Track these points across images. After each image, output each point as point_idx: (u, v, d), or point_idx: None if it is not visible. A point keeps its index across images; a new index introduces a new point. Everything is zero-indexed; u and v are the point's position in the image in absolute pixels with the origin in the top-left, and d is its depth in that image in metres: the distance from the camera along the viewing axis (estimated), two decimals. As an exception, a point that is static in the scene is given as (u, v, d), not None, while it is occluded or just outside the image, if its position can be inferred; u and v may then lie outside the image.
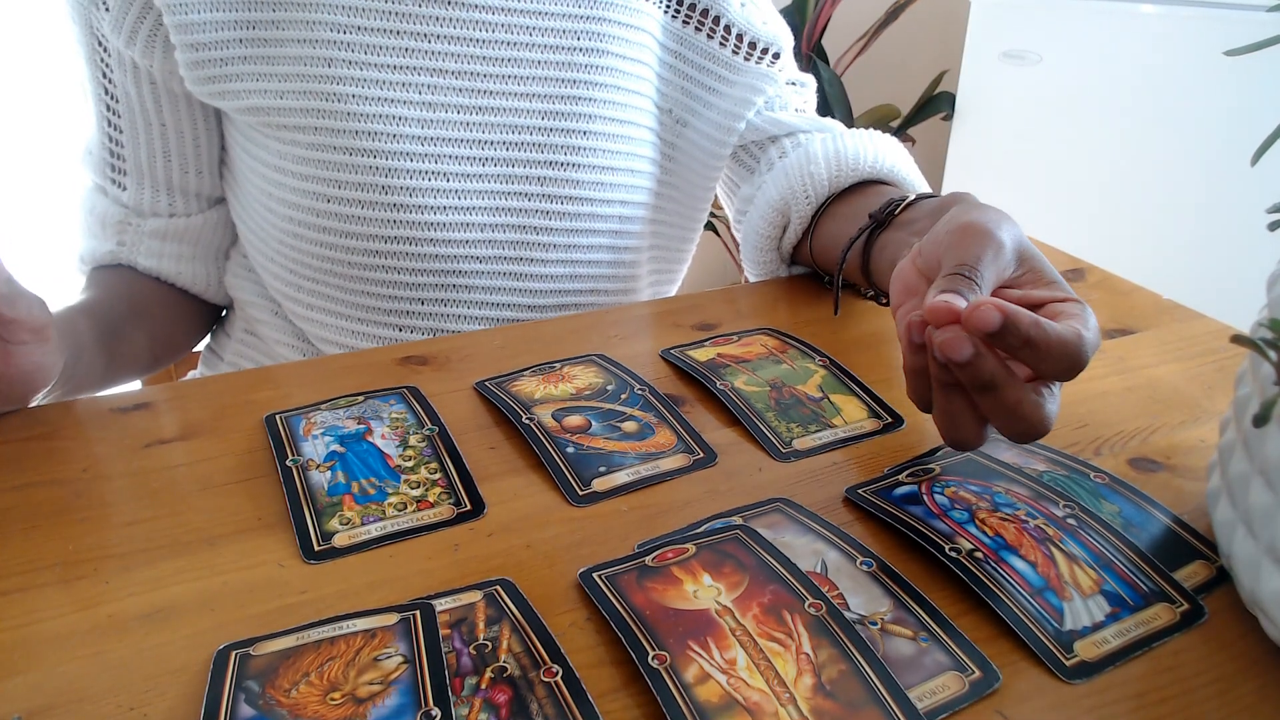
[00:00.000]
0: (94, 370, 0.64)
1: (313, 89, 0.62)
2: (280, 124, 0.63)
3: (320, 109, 0.62)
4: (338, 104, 0.62)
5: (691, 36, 0.73)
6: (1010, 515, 0.40)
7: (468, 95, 0.65)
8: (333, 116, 0.62)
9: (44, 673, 0.33)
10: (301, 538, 0.40)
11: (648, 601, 0.35)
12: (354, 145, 0.63)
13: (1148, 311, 0.62)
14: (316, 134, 0.63)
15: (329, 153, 0.63)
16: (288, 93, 0.62)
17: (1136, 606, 0.36)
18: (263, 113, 0.63)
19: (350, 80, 0.62)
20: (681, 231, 0.80)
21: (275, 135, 0.64)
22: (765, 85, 0.73)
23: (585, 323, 0.62)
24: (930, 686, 0.32)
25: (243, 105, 0.64)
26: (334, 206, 0.64)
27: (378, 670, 0.33)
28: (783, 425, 0.48)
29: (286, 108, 0.63)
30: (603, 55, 0.67)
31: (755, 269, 0.73)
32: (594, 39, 0.67)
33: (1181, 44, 1.42)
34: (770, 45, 0.73)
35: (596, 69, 0.67)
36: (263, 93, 0.63)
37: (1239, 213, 1.37)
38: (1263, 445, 0.33)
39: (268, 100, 0.63)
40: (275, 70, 0.63)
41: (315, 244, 0.66)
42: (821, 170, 0.66)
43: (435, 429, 0.48)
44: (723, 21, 0.72)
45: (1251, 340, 0.32)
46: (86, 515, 0.42)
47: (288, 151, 0.64)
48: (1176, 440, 0.48)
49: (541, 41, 0.65)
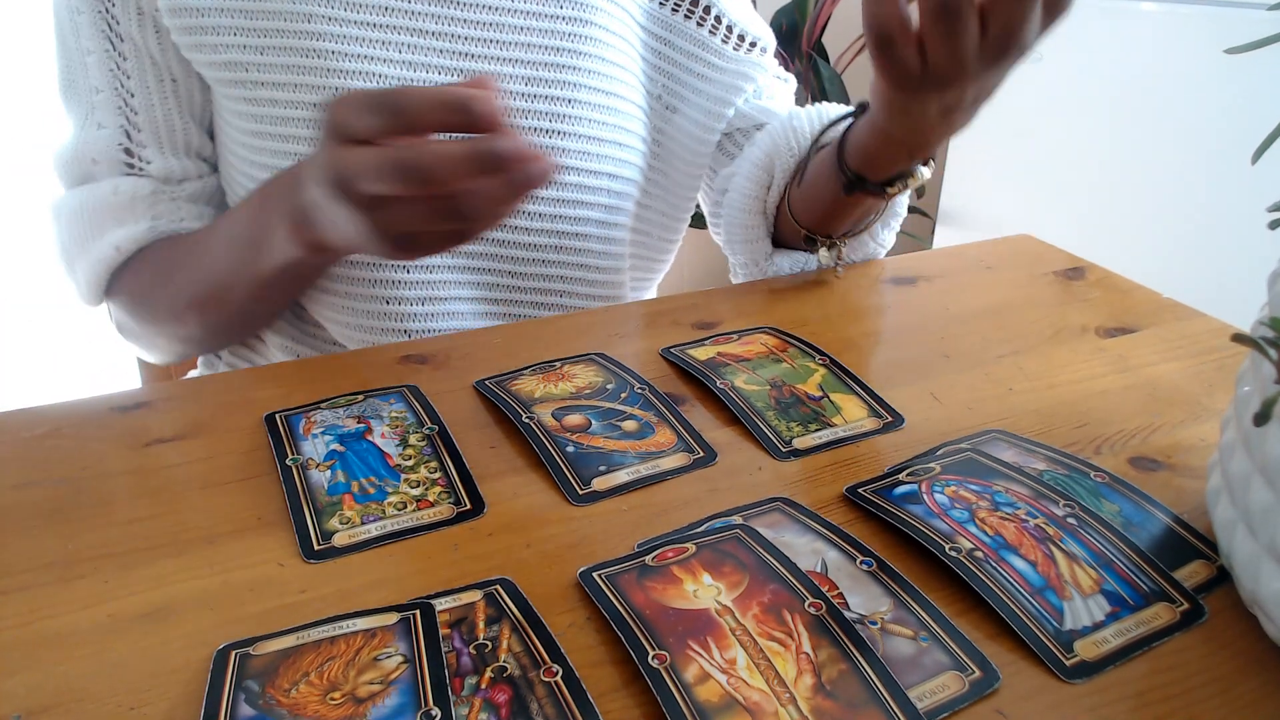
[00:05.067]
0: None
1: (292, 45, 0.62)
2: (259, 81, 0.62)
3: (300, 65, 0.62)
4: (318, 60, 0.62)
5: (681, 24, 0.73)
6: (1010, 514, 0.40)
7: (448, 57, 0.64)
8: (313, 73, 0.62)
9: (44, 673, 0.33)
10: (301, 537, 0.40)
11: (648, 601, 0.35)
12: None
13: (1148, 310, 0.62)
14: (296, 91, 0.62)
15: (309, 110, 0.62)
16: (267, 48, 0.62)
17: (1137, 606, 0.36)
18: (240, 68, 0.62)
19: (330, 36, 0.62)
20: (664, 230, 0.81)
21: (252, 97, 0.63)
22: (755, 74, 0.75)
23: (585, 321, 0.62)
24: (930, 686, 0.32)
25: (220, 60, 0.63)
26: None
27: (378, 670, 0.32)
28: (783, 424, 0.48)
29: (266, 63, 0.62)
30: (586, 25, 0.67)
31: (739, 247, 0.74)
32: (577, 8, 0.67)
33: (1181, 43, 1.42)
34: (758, 40, 0.75)
35: (580, 38, 0.67)
36: (241, 47, 0.62)
37: (1239, 212, 1.37)
38: (1263, 444, 0.33)
39: (246, 55, 0.62)
40: (254, 25, 0.62)
41: None
42: (804, 125, 0.68)
43: (435, 428, 0.48)
44: (713, 11, 0.73)
45: (1252, 339, 0.32)
46: (86, 515, 0.42)
47: (266, 114, 0.63)
48: (1177, 439, 0.48)
49: (523, 7, 0.65)
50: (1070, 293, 0.65)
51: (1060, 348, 0.57)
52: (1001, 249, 0.73)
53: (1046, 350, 0.57)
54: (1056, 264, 0.70)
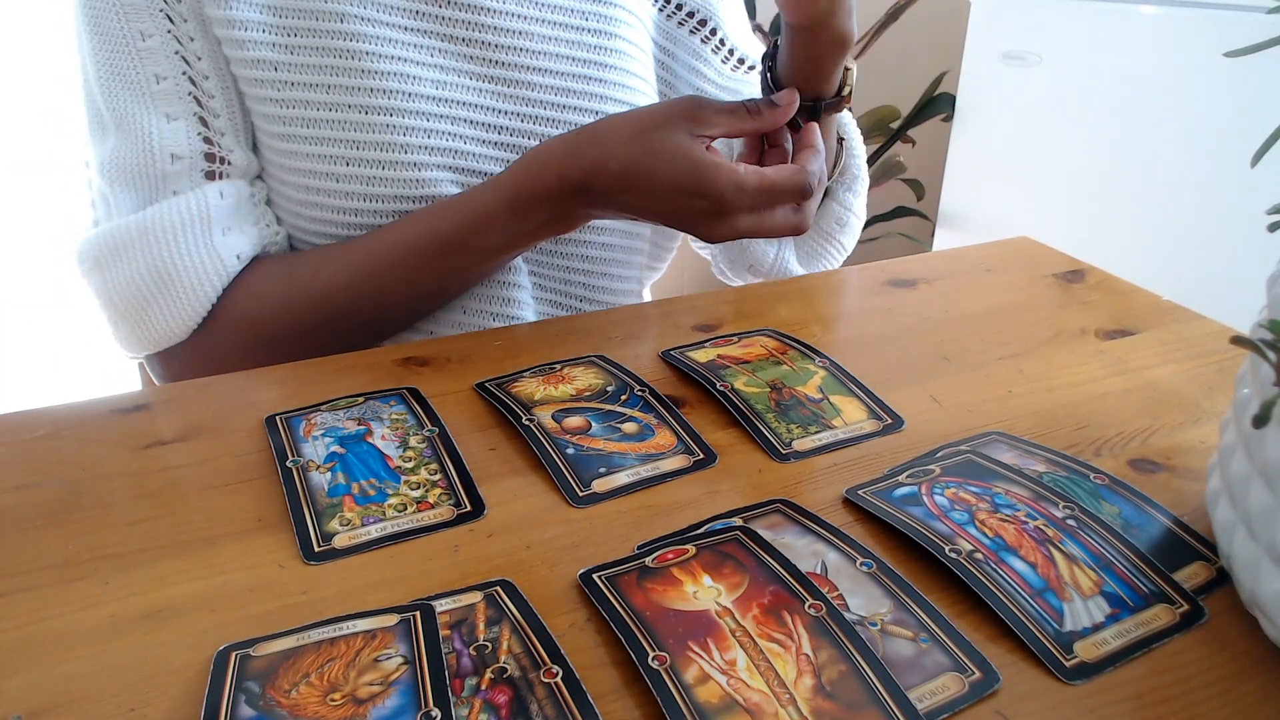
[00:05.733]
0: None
1: (325, 44, 0.60)
2: (289, 81, 0.61)
3: (332, 65, 0.61)
4: (351, 60, 0.61)
5: (685, 37, 0.75)
6: (1010, 516, 0.40)
7: (478, 64, 0.64)
8: (345, 74, 0.61)
9: (44, 673, 0.33)
10: (301, 538, 0.40)
11: (648, 602, 0.35)
12: (370, 104, 0.61)
13: (1148, 312, 0.62)
14: (329, 92, 0.61)
15: (344, 112, 0.61)
16: (298, 47, 0.60)
17: (1136, 607, 0.36)
18: (269, 66, 0.60)
19: (364, 37, 0.61)
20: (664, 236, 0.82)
21: (282, 99, 0.61)
22: (746, 93, 0.77)
23: (585, 323, 0.62)
24: (930, 687, 0.32)
25: (250, 57, 0.60)
26: (352, 169, 0.62)
27: (378, 671, 0.33)
28: (783, 426, 0.48)
29: (297, 63, 0.60)
30: (611, 38, 0.68)
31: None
32: (602, 20, 0.67)
33: (1181, 44, 1.42)
34: (755, 65, 0.77)
35: (605, 50, 0.68)
36: (271, 45, 0.60)
37: (1239, 213, 1.37)
38: (1263, 446, 0.33)
39: (276, 54, 0.60)
40: (286, 24, 0.60)
41: (332, 210, 0.63)
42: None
43: (435, 430, 0.48)
44: (714, 29, 0.74)
45: (1251, 341, 0.32)
46: (86, 515, 0.42)
47: (295, 116, 0.61)
48: (1176, 441, 0.48)
49: (550, 18, 0.65)
50: (1070, 295, 0.65)
51: (1060, 350, 0.57)
52: (1001, 251, 0.73)
53: (1046, 352, 0.57)
54: (1056, 266, 0.70)
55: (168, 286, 0.60)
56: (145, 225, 0.60)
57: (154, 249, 0.60)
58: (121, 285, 0.61)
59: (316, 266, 0.63)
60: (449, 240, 0.61)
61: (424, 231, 0.61)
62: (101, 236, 0.61)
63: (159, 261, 0.60)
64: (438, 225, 0.61)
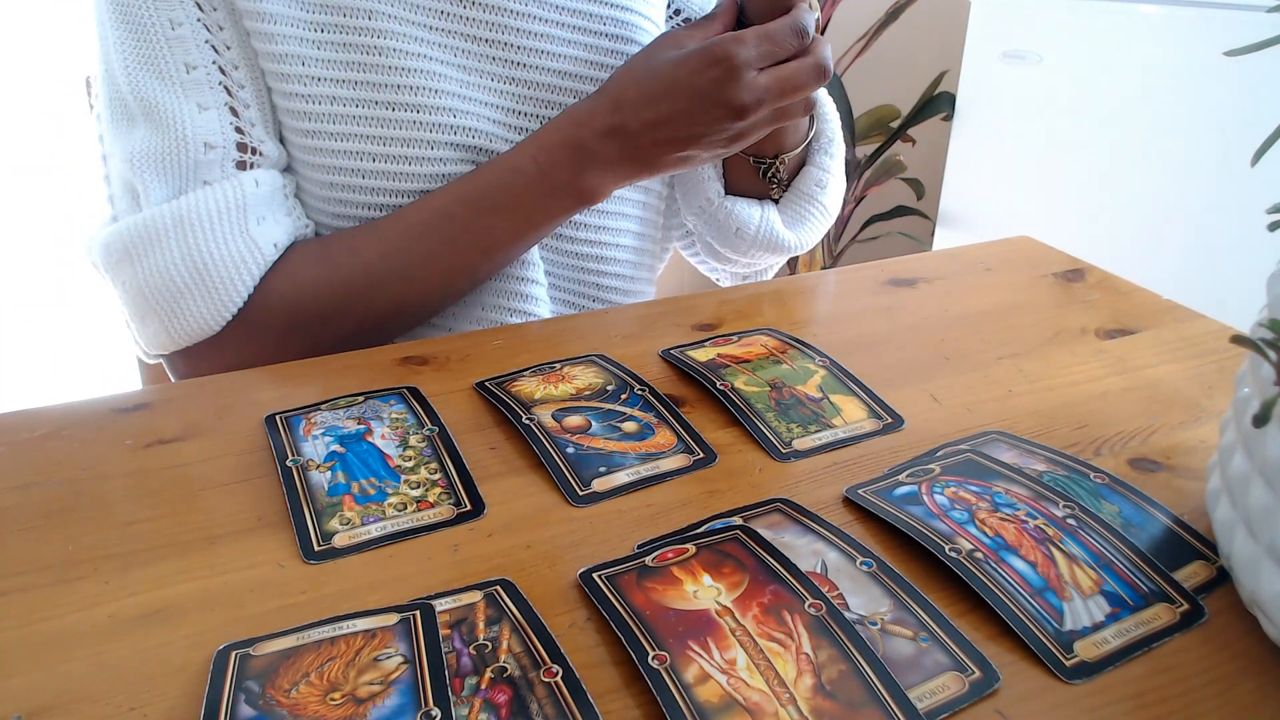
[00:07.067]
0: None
1: (352, 40, 0.60)
2: (315, 76, 0.60)
3: (359, 62, 0.60)
4: (378, 57, 0.60)
5: None
6: (1010, 515, 0.40)
7: (501, 65, 0.64)
8: (372, 70, 0.61)
9: (44, 673, 0.34)
10: (301, 538, 0.40)
11: (648, 602, 0.35)
12: (396, 100, 0.61)
13: (1148, 312, 0.62)
14: (355, 88, 0.61)
15: (371, 108, 0.61)
16: (325, 43, 0.60)
17: (1136, 607, 0.36)
18: (296, 60, 0.60)
19: (392, 35, 0.61)
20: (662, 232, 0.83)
21: (307, 94, 0.61)
22: None
23: (585, 323, 0.62)
24: (930, 686, 0.32)
25: (277, 51, 0.60)
26: (377, 165, 0.62)
27: (378, 670, 0.33)
28: (783, 425, 0.48)
29: (324, 59, 0.60)
30: (628, 44, 0.68)
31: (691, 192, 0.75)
32: (620, 26, 0.68)
33: (1181, 44, 1.42)
34: None
35: (623, 56, 0.68)
36: (299, 40, 0.60)
37: (1239, 213, 1.37)
38: (1263, 445, 0.33)
39: (304, 49, 0.60)
40: (314, 19, 0.60)
41: (355, 205, 0.63)
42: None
43: (435, 429, 0.48)
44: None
45: (1251, 340, 0.32)
46: (86, 515, 0.42)
47: (320, 112, 0.61)
48: (1176, 440, 0.48)
49: (570, 22, 0.66)
50: (1070, 294, 0.65)
51: (1060, 349, 0.57)
52: (1001, 251, 0.73)
53: (1046, 352, 0.57)
54: (1056, 266, 0.70)
55: (204, 276, 0.59)
56: (181, 214, 0.59)
57: (190, 238, 0.59)
58: (155, 276, 0.59)
59: (350, 242, 0.63)
60: (480, 200, 0.62)
61: (455, 196, 0.63)
62: (132, 227, 0.60)
63: (195, 250, 0.59)
64: (468, 188, 0.63)
